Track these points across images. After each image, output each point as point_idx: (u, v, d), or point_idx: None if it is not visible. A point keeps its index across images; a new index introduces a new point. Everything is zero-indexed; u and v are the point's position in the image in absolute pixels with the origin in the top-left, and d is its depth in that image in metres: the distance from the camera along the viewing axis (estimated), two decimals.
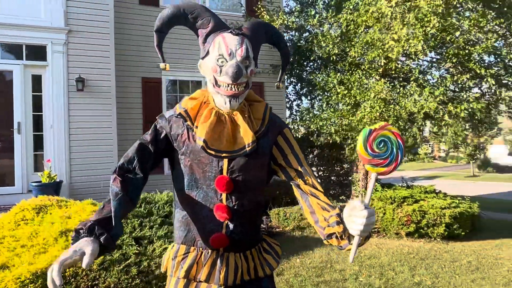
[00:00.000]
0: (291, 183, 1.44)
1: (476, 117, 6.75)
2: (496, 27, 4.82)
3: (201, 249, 1.44)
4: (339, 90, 6.64)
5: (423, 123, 5.64)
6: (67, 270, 3.44)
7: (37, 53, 6.21)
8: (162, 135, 1.44)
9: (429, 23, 4.76)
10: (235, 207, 1.38)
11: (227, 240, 1.39)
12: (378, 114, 6.08)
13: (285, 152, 1.45)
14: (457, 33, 4.73)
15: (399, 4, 4.40)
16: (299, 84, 9.92)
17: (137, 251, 3.63)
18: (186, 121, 1.39)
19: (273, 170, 1.48)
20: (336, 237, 1.20)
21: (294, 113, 10.27)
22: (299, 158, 1.44)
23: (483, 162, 34.56)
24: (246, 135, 1.36)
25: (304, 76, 9.63)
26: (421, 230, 5.80)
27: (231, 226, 1.39)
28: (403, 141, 1.12)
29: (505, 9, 4.60)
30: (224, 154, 1.36)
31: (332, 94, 6.89)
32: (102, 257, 3.52)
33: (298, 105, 10.93)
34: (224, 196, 1.37)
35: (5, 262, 3.52)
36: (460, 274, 4.16)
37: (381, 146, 1.10)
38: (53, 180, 5.68)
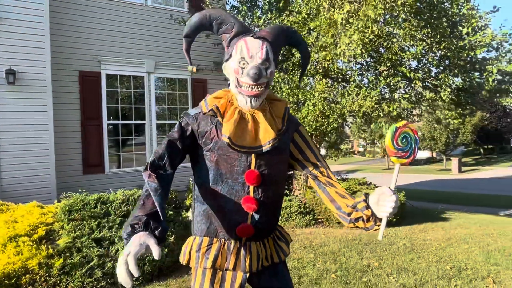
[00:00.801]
0: (309, 175, 1.59)
1: (403, 116, 7.55)
2: (424, 36, 5.46)
3: (223, 240, 1.53)
4: (283, 89, 6.94)
5: (361, 121, 6.16)
6: (23, 277, 3.21)
7: None
8: (188, 132, 1.49)
9: (369, 29, 5.23)
10: (261, 199, 1.49)
11: (253, 229, 1.50)
12: (319, 112, 6.51)
13: (301, 147, 1.59)
14: (394, 40, 5.28)
15: (349, 13, 4.79)
16: None
17: (99, 253, 3.49)
18: (217, 117, 1.46)
19: (290, 164, 1.61)
20: (363, 220, 1.39)
21: None
22: (315, 152, 1.59)
23: None
24: (268, 133, 1.47)
25: None
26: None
27: (256, 216, 1.50)
28: (418, 136, 1.34)
29: (432, 20, 5.24)
30: (245, 150, 1.46)
31: (277, 93, 7.16)
32: (61, 260, 3.36)
33: None
34: (251, 188, 1.47)
35: None
36: (399, 255, 4.68)
37: (403, 141, 1.30)
38: None
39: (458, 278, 3.87)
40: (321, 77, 6.58)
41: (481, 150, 39.87)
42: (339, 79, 6.98)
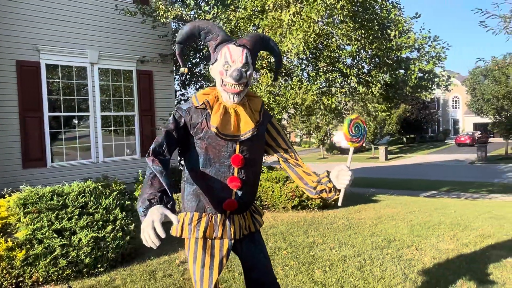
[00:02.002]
0: (280, 158, 1.94)
1: (339, 108, 8.24)
2: (358, 37, 6.08)
3: (210, 214, 1.83)
4: None
5: (305, 113, 6.68)
6: None
7: None
8: (182, 123, 1.75)
9: (311, 28, 5.72)
10: (244, 178, 1.80)
11: (237, 204, 1.82)
12: (265, 104, 6.92)
13: (273, 135, 1.93)
14: (333, 39, 5.82)
15: (295, 14, 5.20)
16: (184, 75, 10.18)
17: (61, 243, 3.56)
18: (207, 110, 1.74)
19: (265, 149, 1.94)
20: (326, 191, 1.77)
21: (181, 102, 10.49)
22: (285, 139, 1.94)
23: (330, 146, 40.16)
24: (247, 124, 1.79)
25: (189, 67, 9.92)
26: (303, 202, 6.91)
27: (239, 193, 1.82)
28: (366, 126, 1.74)
29: (365, 23, 5.87)
30: (229, 138, 1.76)
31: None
32: (24, 252, 3.39)
33: (182, 95, 11.19)
34: (236, 170, 1.78)
35: None
36: (339, 232, 5.27)
37: (356, 129, 1.69)
38: None
39: (388, 248, 4.52)
40: (266, 71, 6.98)
41: (404, 139, 43.60)
42: (283, 73, 7.43)
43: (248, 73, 1.75)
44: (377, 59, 6.82)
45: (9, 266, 3.28)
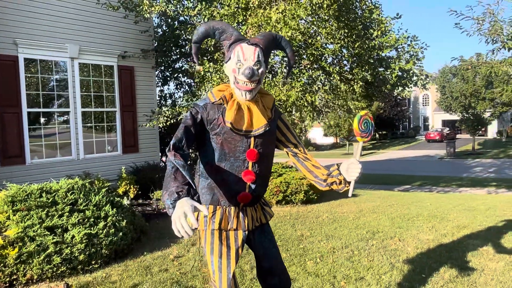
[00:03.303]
0: (289, 152, 2.03)
1: (320, 105, 8.43)
2: (341, 36, 6.25)
3: (224, 207, 1.90)
4: (214, 79, 7.26)
5: (290, 110, 6.81)
6: None
7: None
8: (198, 119, 1.81)
9: (297, 26, 5.83)
10: (258, 172, 1.89)
11: (251, 196, 1.90)
12: None
13: (283, 131, 2.02)
14: (318, 38, 5.96)
15: (283, 12, 5.29)
16: (164, 70, 10.11)
17: (54, 240, 3.53)
18: (223, 105, 1.81)
19: (275, 144, 2.03)
20: (336, 183, 1.88)
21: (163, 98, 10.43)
22: (294, 135, 2.04)
23: (305, 142, 40.69)
24: (260, 120, 1.87)
25: (169, 63, 9.86)
26: (287, 197, 7.05)
27: (253, 186, 1.90)
28: (374, 121, 1.87)
29: (348, 22, 6.04)
30: (243, 133, 1.84)
31: (208, 82, 7.46)
32: (16, 250, 3.34)
33: (161, 91, 11.10)
34: (250, 164, 1.86)
35: None
36: (325, 225, 5.44)
37: (365, 125, 1.81)
38: None
39: (373, 239, 4.72)
40: None
41: (377, 136, 44.76)
42: (267, 71, 7.54)
43: (260, 71, 1.82)
44: (358, 57, 7.02)
45: (1, 265, 3.23)
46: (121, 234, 4.01)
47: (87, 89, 7.69)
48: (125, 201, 6.08)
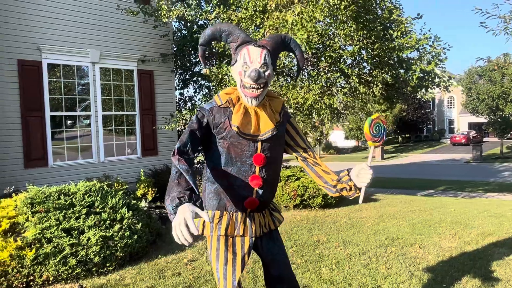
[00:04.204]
0: (299, 157, 1.97)
1: (339, 108, 8.30)
2: (360, 37, 6.13)
3: (231, 212, 1.86)
4: (232, 82, 7.26)
5: (307, 112, 6.72)
6: None
7: None
8: (204, 123, 1.78)
9: (314, 28, 5.76)
10: (265, 177, 1.84)
11: (258, 202, 1.85)
12: None
13: (293, 135, 1.97)
14: (336, 39, 5.87)
15: (300, 14, 5.24)
16: (183, 73, 10.21)
17: (70, 242, 3.58)
18: (230, 108, 1.77)
19: (284, 149, 1.98)
20: (346, 189, 1.81)
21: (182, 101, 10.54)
22: (304, 139, 1.98)
23: (326, 145, 40.31)
24: (267, 124, 1.82)
25: (188, 66, 9.95)
26: (305, 202, 6.95)
27: (260, 191, 1.85)
28: (386, 125, 1.79)
29: (367, 23, 5.92)
30: (250, 137, 1.79)
31: (226, 86, 7.46)
32: (33, 251, 3.40)
33: (181, 94, 11.21)
34: (257, 169, 1.82)
35: None
36: (343, 230, 5.32)
37: (376, 129, 1.73)
38: None
39: (392, 246, 4.58)
40: None
41: (400, 139, 43.84)
42: (284, 73, 7.48)
43: (267, 73, 1.77)
44: (378, 59, 6.87)
45: (19, 265, 3.29)
46: (136, 237, 4.03)
47: (107, 93, 7.83)
48: (143, 204, 6.15)
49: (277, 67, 7.22)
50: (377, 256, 4.16)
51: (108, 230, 3.87)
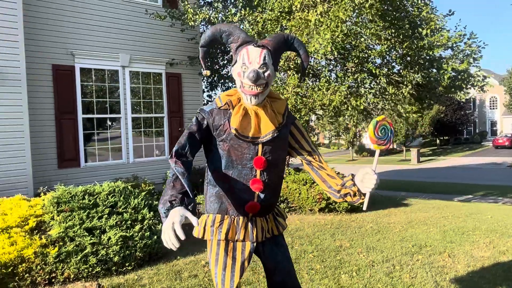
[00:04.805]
0: (303, 161, 1.90)
1: (368, 109, 8.07)
2: (388, 36, 5.93)
3: (233, 216, 1.81)
4: None
5: (333, 114, 6.58)
6: (19, 266, 3.35)
7: None
8: (204, 125, 1.75)
9: (338, 28, 5.62)
10: (266, 181, 1.78)
11: (259, 206, 1.80)
12: (292, 106, 6.87)
13: (297, 138, 1.90)
14: (362, 39, 5.70)
15: (322, 13, 5.14)
16: (211, 76, 10.30)
17: (92, 241, 3.67)
18: (230, 110, 1.73)
19: (288, 152, 1.92)
20: (350, 195, 1.72)
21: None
22: (309, 142, 1.91)
23: (359, 147, 39.42)
24: (267, 126, 1.76)
25: (216, 68, 10.03)
26: (330, 205, 6.80)
27: (261, 195, 1.80)
28: (393, 128, 1.68)
29: (395, 21, 5.71)
30: (249, 140, 1.74)
31: None
32: (56, 249, 3.51)
33: (209, 96, 11.32)
34: (258, 172, 1.77)
35: None
36: (368, 236, 5.14)
37: (382, 132, 1.64)
38: None
39: (419, 254, 4.37)
40: (293, 73, 6.93)
41: (438, 141, 42.15)
42: (310, 75, 7.36)
43: (266, 74, 1.71)
44: (408, 58, 6.61)
45: (42, 263, 3.41)
46: (156, 237, 4.08)
47: (137, 96, 8.04)
48: None
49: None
50: (402, 264, 3.98)
51: (128, 230, 3.95)
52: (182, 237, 1.35)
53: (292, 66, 7.16)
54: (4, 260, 3.30)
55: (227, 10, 7.52)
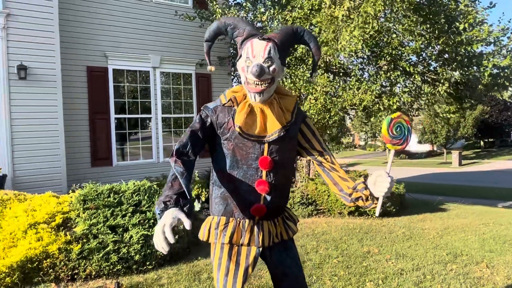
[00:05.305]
0: (314, 161, 1.78)
1: (402, 109, 7.72)
2: (423, 31, 5.62)
3: (238, 219, 1.72)
4: (285, 83, 7.11)
5: (362, 114, 6.34)
6: (44, 262, 3.43)
7: None
8: (208, 123, 1.68)
9: (369, 25, 5.39)
10: (273, 182, 1.68)
11: (265, 209, 1.70)
12: (321, 106, 6.69)
13: (308, 137, 1.78)
14: (393, 36, 5.44)
15: (350, 9, 4.95)
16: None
17: (114, 239, 3.70)
18: (234, 107, 1.65)
19: (298, 152, 1.80)
20: (362, 199, 1.59)
21: None
22: (320, 141, 1.79)
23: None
24: (274, 124, 1.65)
25: None
26: (360, 209, 6.55)
27: (268, 198, 1.69)
28: (411, 126, 1.53)
29: (431, 16, 5.39)
30: (254, 139, 1.64)
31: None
32: (79, 246, 3.56)
33: None
34: (264, 173, 1.67)
35: None
36: (398, 242, 4.89)
37: (397, 130, 1.49)
38: None
39: (453, 263, 4.08)
40: (323, 72, 6.75)
41: (482, 143, 39.98)
42: (341, 73, 7.15)
43: (272, 68, 1.60)
44: (445, 55, 6.25)
45: (66, 259, 3.48)
46: (177, 237, 4.07)
47: (167, 96, 8.15)
48: (197, 205, 6.27)
49: (332, 66, 6.92)
50: (433, 274, 3.73)
51: (151, 229, 3.95)
52: (172, 240, 1.28)
53: (322, 65, 6.98)
54: (30, 255, 3.39)
55: (255, 9, 7.46)
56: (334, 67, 7.09)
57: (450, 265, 4.01)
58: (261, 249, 1.72)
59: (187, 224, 1.33)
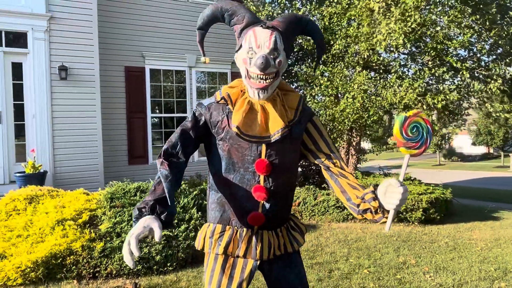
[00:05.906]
0: (321, 165, 1.57)
1: (449, 108, 7.16)
2: (472, 23, 5.13)
3: (236, 227, 1.55)
4: (322, 82, 6.83)
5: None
6: (68, 258, 3.47)
7: (17, 40, 6.01)
8: (201, 121, 1.53)
9: (411, 17, 5.00)
10: (272, 188, 1.50)
11: (264, 218, 1.52)
12: (359, 104, 6.34)
13: (314, 138, 1.57)
14: (437, 28, 5.00)
15: (388, 1, 4.61)
16: None
17: None
18: (228, 104, 1.49)
19: (303, 154, 1.61)
20: (371, 211, 1.36)
21: None
22: (328, 143, 1.58)
23: (449, 151, 36.09)
24: (276, 123, 1.47)
25: None
26: (401, 214, 6.13)
27: (267, 205, 1.51)
28: (432, 126, 1.29)
29: (481, 6, 4.91)
30: (255, 140, 1.47)
31: (315, 86, 7.08)
32: (102, 244, 3.57)
33: None
34: (262, 178, 1.49)
35: (2, 252, 3.50)
36: (440, 253, 4.48)
37: (414, 131, 1.25)
38: (37, 171, 5.58)
39: (502, 280, 3.64)
40: (361, 69, 6.40)
41: None
42: (381, 71, 6.75)
43: (277, 60, 1.43)
44: (499, 48, 5.69)
45: (89, 256, 3.51)
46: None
47: (202, 95, 8.16)
48: None
49: (372, 63, 6.54)
50: None
51: (173, 230, 3.90)
52: (137, 253, 1.15)
53: (361, 62, 6.63)
54: (55, 251, 3.45)
55: (291, 5, 7.24)
56: (374, 64, 6.71)
57: (498, 282, 3.58)
58: (258, 262, 1.55)
59: (156, 235, 1.19)
